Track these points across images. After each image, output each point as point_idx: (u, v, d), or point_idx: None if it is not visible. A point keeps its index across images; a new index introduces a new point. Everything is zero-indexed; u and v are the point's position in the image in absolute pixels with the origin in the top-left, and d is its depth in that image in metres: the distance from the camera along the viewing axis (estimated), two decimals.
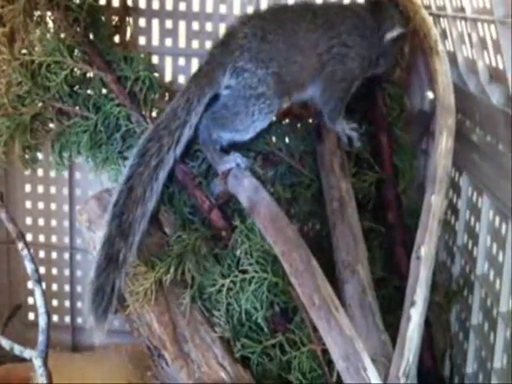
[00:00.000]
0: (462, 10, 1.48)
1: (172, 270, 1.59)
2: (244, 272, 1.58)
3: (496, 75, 1.39)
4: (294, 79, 1.64)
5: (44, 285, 1.75)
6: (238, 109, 1.62)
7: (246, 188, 1.57)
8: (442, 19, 1.70)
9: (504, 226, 1.42)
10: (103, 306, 1.51)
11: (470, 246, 1.65)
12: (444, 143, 1.42)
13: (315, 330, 1.45)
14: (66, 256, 2.23)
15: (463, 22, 1.52)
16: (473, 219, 1.64)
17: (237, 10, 2.08)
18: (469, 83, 1.56)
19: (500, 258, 1.44)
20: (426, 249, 1.37)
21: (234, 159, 1.63)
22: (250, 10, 2.07)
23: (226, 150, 1.68)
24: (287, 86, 1.64)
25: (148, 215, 1.58)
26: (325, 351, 1.45)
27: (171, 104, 1.65)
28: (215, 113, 1.65)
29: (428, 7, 1.77)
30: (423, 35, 1.55)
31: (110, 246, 1.52)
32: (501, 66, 1.32)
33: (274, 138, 1.80)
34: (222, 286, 1.59)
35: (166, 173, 1.61)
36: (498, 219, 1.48)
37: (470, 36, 1.49)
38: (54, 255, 2.24)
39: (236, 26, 1.68)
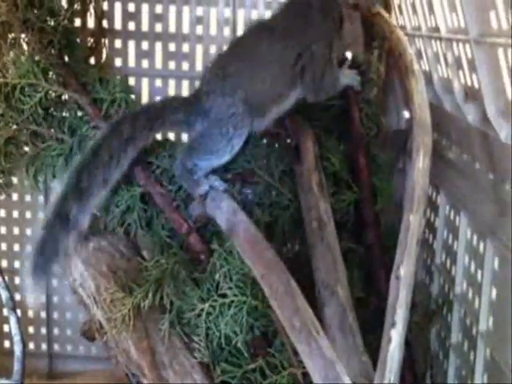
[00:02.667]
0: (437, 29, 1.50)
1: (150, 295, 1.57)
2: (223, 296, 1.57)
3: (471, 94, 1.40)
4: (268, 95, 1.66)
5: (19, 312, 1.72)
6: (212, 131, 1.63)
7: (224, 211, 1.56)
8: (417, 39, 1.71)
9: (482, 244, 1.43)
10: (43, 262, 1.49)
11: (448, 264, 1.65)
12: (421, 162, 1.42)
13: (296, 353, 1.43)
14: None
15: (438, 42, 1.53)
16: (451, 238, 1.64)
17: (213, 31, 2.08)
18: (445, 102, 1.57)
19: (478, 277, 1.44)
20: (405, 268, 1.36)
21: (211, 182, 1.63)
22: (226, 30, 2.07)
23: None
24: (260, 103, 1.66)
25: (109, 185, 1.58)
26: (305, 374, 1.44)
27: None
28: (191, 143, 1.68)
29: (403, 27, 1.79)
30: (399, 55, 1.56)
31: (63, 203, 1.51)
32: (476, 85, 1.33)
33: (251, 159, 1.80)
34: (202, 310, 1.57)
35: (135, 151, 1.61)
36: (475, 237, 1.48)
37: (445, 55, 1.50)
38: None
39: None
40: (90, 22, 2.06)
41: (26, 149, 1.84)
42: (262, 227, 1.65)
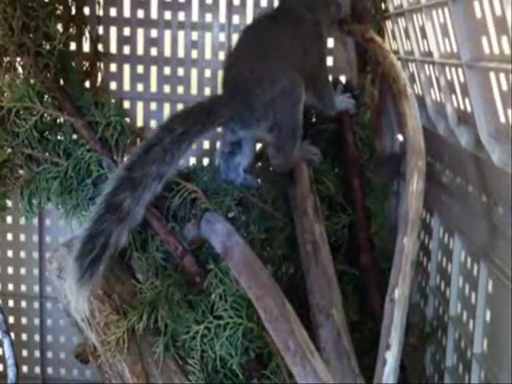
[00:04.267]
0: (430, 54, 1.51)
1: (145, 317, 1.56)
2: (218, 318, 1.57)
3: (464, 118, 1.42)
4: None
5: (13, 335, 1.71)
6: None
7: (219, 233, 1.57)
8: (410, 63, 1.73)
9: (476, 267, 1.43)
10: (91, 257, 1.38)
11: (442, 287, 1.65)
12: (415, 185, 1.43)
13: (291, 375, 1.43)
14: (36, 305, 2.20)
15: (431, 66, 1.55)
16: (445, 260, 1.64)
17: (208, 55, 2.10)
18: (438, 126, 1.58)
19: (473, 299, 1.44)
20: (399, 291, 1.36)
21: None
22: (221, 55, 2.10)
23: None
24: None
25: (163, 179, 1.49)
26: None
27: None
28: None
29: (396, 52, 1.80)
30: (392, 79, 1.57)
31: (115, 195, 1.42)
32: (469, 109, 1.34)
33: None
34: (196, 332, 1.57)
35: (188, 147, 1.54)
36: (469, 260, 1.48)
37: (438, 80, 1.51)
38: (24, 304, 2.21)
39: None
40: (86, 46, 2.07)
41: (21, 172, 1.84)
42: (258, 247, 1.65)
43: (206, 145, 2.16)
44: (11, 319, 2.14)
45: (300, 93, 1.64)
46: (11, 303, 2.20)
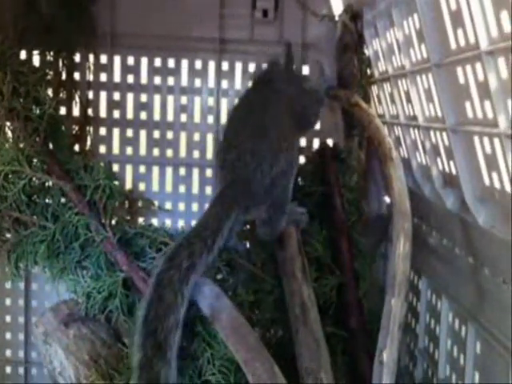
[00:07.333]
0: (415, 118, 1.54)
1: (131, 382, 1.54)
2: (206, 382, 1.54)
3: (450, 180, 1.43)
4: None
5: None
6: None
7: (206, 296, 1.55)
8: (395, 127, 1.76)
9: (464, 328, 1.43)
10: None
11: (431, 349, 1.64)
12: (402, 247, 1.43)
13: None
14: (21, 370, 2.16)
15: (416, 130, 1.58)
16: (433, 322, 1.64)
17: (197, 119, 2.13)
18: (424, 188, 1.60)
19: (461, 361, 1.43)
20: (387, 353, 1.35)
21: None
22: (210, 118, 2.12)
23: None
24: None
25: (180, 325, 1.42)
26: None
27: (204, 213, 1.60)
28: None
29: (382, 116, 1.84)
30: (378, 143, 1.59)
31: (150, 369, 1.35)
32: (454, 172, 1.36)
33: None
34: None
35: (195, 279, 1.47)
36: (457, 322, 1.48)
37: (423, 143, 1.53)
38: (9, 370, 2.17)
39: None
40: (76, 111, 2.10)
41: (8, 235, 1.83)
42: (246, 310, 1.64)
43: (195, 207, 2.17)
44: None
45: (295, 170, 1.67)
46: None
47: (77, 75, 2.10)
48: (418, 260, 1.55)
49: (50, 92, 1.91)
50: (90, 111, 2.12)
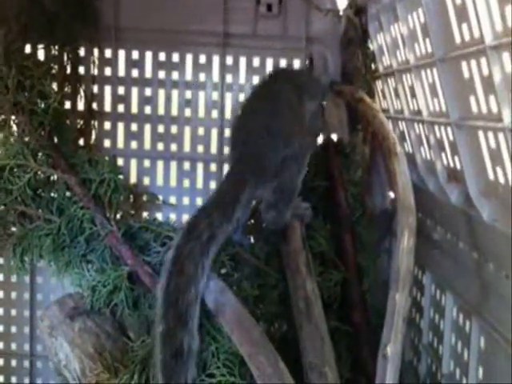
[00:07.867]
0: (419, 113, 1.54)
1: (136, 376, 1.54)
2: (211, 376, 1.54)
3: (454, 175, 1.43)
4: None
5: None
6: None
7: (211, 290, 1.56)
8: (400, 122, 1.76)
9: (468, 324, 1.43)
10: None
11: (435, 344, 1.64)
12: (406, 242, 1.43)
13: None
14: (26, 364, 2.17)
15: (420, 125, 1.58)
16: (437, 317, 1.64)
17: (202, 113, 2.13)
18: (428, 183, 1.60)
19: (465, 356, 1.43)
20: (392, 348, 1.36)
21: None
22: (214, 113, 2.13)
23: None
24: None
25: (200, 297, 1.44)
26: None
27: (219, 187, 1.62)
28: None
29: (386, 111, 1.84)
30: (382, 138, 1.59)
31: (173, 340, 1.38)
32: (458, 167, 1.36)
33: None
34: None
35: (216, 251, 1.48)
36: (461, 316, 1.48)
37: (427, 138, 1.53)
38: (14, 363, 2.18)
39: None
40: (80, 105, 2.10)
41: (14, 229, 1.83)
42: (250, 304, 1.65)
43: (199, 201, 2.18)
44: (1, 378, 2.11)
45: (307, 159, 1.67)
46: (1, 362, 2.18)
47: (81, 69, 2.11)
48: (422, 255, 1.55)
49: (54, 86, 1.91)
50: (94, 105, 2.12)
